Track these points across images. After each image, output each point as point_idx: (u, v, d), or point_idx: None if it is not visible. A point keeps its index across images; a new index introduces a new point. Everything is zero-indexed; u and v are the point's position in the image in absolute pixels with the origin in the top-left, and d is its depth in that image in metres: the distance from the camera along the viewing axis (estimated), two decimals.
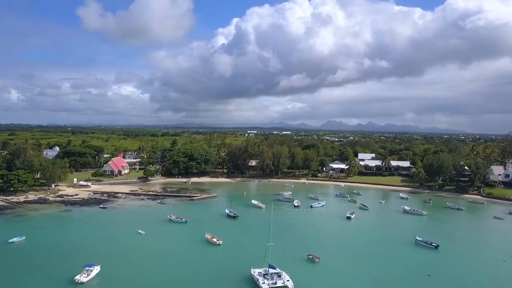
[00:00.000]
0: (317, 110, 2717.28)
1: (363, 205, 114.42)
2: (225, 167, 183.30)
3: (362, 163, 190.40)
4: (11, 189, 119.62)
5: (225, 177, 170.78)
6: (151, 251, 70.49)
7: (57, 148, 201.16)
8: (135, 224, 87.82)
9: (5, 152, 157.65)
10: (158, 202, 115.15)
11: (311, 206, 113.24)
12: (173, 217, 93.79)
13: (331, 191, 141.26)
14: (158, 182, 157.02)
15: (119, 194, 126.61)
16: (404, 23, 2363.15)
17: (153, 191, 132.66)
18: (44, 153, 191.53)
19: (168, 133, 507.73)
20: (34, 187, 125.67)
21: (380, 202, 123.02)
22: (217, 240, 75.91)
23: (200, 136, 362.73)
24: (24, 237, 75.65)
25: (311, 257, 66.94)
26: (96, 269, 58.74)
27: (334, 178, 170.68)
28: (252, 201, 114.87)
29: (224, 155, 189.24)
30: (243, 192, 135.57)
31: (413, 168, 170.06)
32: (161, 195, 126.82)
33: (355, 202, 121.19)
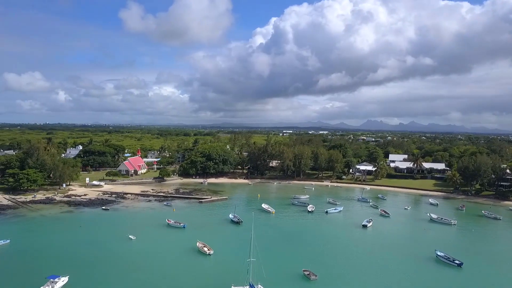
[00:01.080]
0: (357, 110, 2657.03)
1: (384, 211, 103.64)
2: (245, 167, 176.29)
3: (392, 164, 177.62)
4: (23, 188, 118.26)
5: (244, 178, 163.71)
6: (133, 260, 64.47)
7: (80, 147, 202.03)
8: (130, 229, 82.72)
9: (20, 151, 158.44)
10: (165, 204, 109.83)
11: (326, 212, 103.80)
12: (172, 222, 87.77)
13: (354, 195, 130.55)
14: (173, 182, 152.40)
15: (128, 195, 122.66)
16: (450, 17, 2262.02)
17: (163, 192, 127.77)
18: (68, 151, 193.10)
19: (201, 133, 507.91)
20: (44, 187, 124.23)
21: (405, 209, 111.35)
22: (208, 250, 68.86)
23: (225, 136, 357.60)
24: (8, 240, 72.12)
25: (307, 273, 58.33)
26: (63, 281, 53.34)
27: (360, 180, 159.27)
28: (263, 205, 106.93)
29: (245, 155, 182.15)
30: (257, 195, 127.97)
31: (448, 171, 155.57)
32: (171, 196, 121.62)
33: (376, 207, 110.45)
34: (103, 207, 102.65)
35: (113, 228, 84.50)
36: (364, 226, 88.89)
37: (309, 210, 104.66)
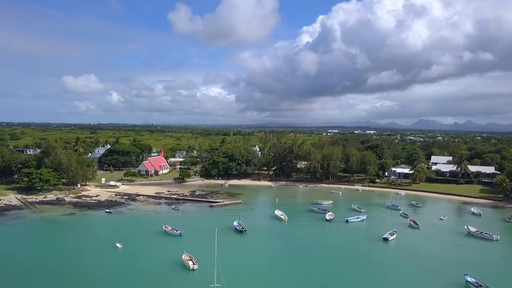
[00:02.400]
0: (408, 108, 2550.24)
1: (414, 222, 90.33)
2: (270, 169, 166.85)
3: (434, 167, 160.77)
4: (36, 187, 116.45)
5: (268, 180, 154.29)
6: (105, 273, 57.50)
7: (109, 146, 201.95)
8: (123, 235, 76.62)
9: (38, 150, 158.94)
10: (172, 208, 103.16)
11: (347, 221, 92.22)
12: (168, 229, 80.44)
13: (385, 201, 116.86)
14: (194, 183, 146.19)
15: (141, 197, 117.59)
16: None
17: (177, 195, 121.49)
18: (96, 150, 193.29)
19: (241, 132, 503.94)
20: (58, 187, 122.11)
21: (440, 219, 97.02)
22: (193, 264, 60.66)
23: (257, 135, 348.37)
24: None
25: None
26: None
27: (395, 184, 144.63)
28: (276, 211, 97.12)
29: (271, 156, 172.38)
30: (276, 199, 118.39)
31: (498, 175, 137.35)
32: (183, 199, 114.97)
33: (406, 217, 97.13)
34: (107, 210, 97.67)
35: (105, 234, 78.65)
36: (385, 240, 76.75)
37: (327, 218, 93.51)
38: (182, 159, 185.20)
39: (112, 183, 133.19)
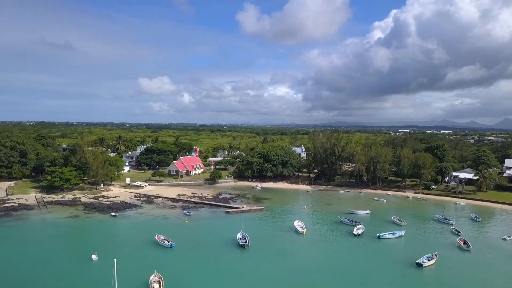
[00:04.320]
0: (492, 106, 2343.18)
1: (464, 242, 71.67)
2: (312, 171, 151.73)
3: (508, 172, 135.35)
4: (58, 186, 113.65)
5: (307, 184, 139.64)
6: None
7: (151, 145, 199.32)
8: (107, 244, 68.85)
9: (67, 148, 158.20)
10: (184, 213, 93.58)
11: (379, 237, 75.85)
12: (161, 239, 70.52)
13: (437, 213, 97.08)
14: (224, 185, 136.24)
15: (160, 199, 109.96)
16: None
17: (200, 197, 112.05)
18: (138, 149, 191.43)
19: (299, 132, 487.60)
20: (81, 186, 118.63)
21: (503, 239, 76.76)
22: None
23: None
24: None
25: None
26: None
27: (454, 192, 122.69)
28: (295, 222, 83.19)
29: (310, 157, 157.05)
30: (306, 206, 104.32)
31: None
32: (201, 202, 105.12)
33: (458, 234, 78.21)
34: (112, 213, 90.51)
35: (92, 241, 70.55)
36: (419, 265, 59.95)
37: (355, 232, 77.80)
38: (219, 159, 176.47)
39: (137, 183, 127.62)
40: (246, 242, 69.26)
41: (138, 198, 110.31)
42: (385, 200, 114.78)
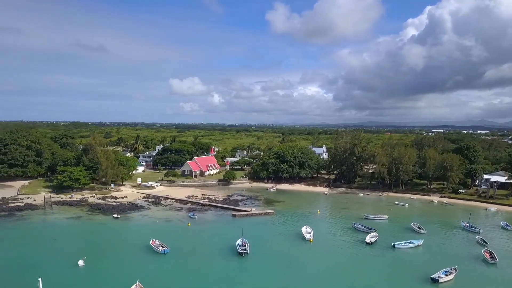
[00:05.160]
0: None
1: (490, 255, 63.75)
2: (331, 173, 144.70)
3: None
4: (69, 186, 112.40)
5: (325, 186, 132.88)
6: None
7: (169, 145, 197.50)
8: (100, 249, 65.64)
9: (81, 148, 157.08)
10: (189, 216, 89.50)
11: (393, 246, 68.99)
12: (155, 244, 66.54)
13: (463, 220, 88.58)
14: (238, 186, 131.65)
15: (168, 200, 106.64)
16: None
17: (209, 199, 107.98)
18: (157, 148, 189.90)
19: (326, 132, 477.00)
20: (91, 186, 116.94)
21: None
22: None
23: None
24: None
25: None
26: None
27: (485, 197, 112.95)
28: (303, 228, 77.37)
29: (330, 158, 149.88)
30: (317, 210, 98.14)
31: None
32: (209, 204, 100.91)
33: (484, 245, 70.29)
34: (114, 215, 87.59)
35: (82, 246, 67.58)
36: (435, 281, 53.01)
37: (367, 241, 71.20)
38: (236, 159, 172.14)
39: (149, 183, 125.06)
40: (245, 249, 64.17)
41: (146, 199, 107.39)
42: (406, 205, 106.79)
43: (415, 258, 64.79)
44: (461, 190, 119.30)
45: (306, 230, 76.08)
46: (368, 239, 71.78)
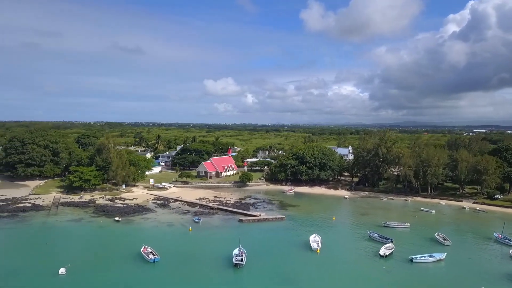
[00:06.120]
0: None
1: None
2: (354, 175, 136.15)
3: None
4: (81, 186, 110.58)
5: (347, 190, 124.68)
6: None
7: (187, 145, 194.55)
8: (88, 255, 61.87)
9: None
10: (194, 220, 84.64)
11: (411, 260, 61.01)
12: (146, 251, 61.97)
13: (497, 229, 78.62)
14: (254, 189, 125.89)
15: (177, 203, 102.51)
16: None
17: (219, 202, 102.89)
18: (178, 148, 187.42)
19: (359, 132, 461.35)
20: (102, 186, 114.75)
21: None
22: None
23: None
24: None
25: None
26: None
27: None
28: (311, 237, 70.52)
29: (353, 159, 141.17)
30: (333, 216, 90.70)
31: None
32: (217, 208, 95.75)
33: None
34: (116, 218, 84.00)
35: (71, 251, 63.94)
36: None
37: (381, 253, 63.55)
38: (255, 160, 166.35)
39: (162, 184, 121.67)
40: (241, 260, 58.34)
41: (156, 201, 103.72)
42: (433, 211, 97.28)
43: (434, 276, 56.65)
44: (497, 196, 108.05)
45: (314, 239, 69.29)
46: (383, 251, 64.13)
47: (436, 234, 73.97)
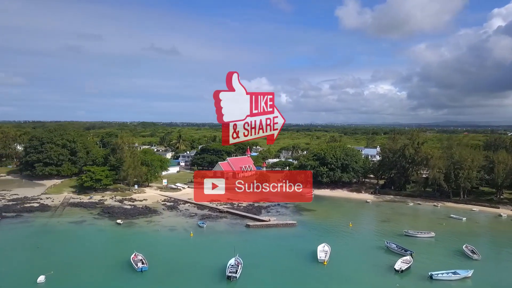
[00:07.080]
0: None
1: None
2: (380, 177, 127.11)
3: None
4: (93, 186, 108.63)
5: (371, 193, 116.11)
6: None
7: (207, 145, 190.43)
8: (74, 262, 58.15)
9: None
10: (198, 224, 79.77)
11: (431, 277, 53.07)
12: (136, 259, 57.45)
13: None
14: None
15: (186, 204, 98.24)
16: None
17: (230, 204, 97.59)
18: (199, 147, 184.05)
19: (394, 131, 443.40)
20: (115, 186, 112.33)
21: None
22: None
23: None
24: None
25: None
26: None
27: None
28: (319, 246, 63.62)
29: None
30: (349, 222, 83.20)
31: None
32: (226, 211, 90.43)
33: None
34: (118, 221, 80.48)
35: (59, 256, 60.41)
36: None
37: (397, 267, 55.97)
38: (276, 160, 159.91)
39: (176, 185, 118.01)
40: (235, 272, 52.69)
41: (165, 202, 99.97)
42: (464, 219, 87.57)
43: None
44: None
45: (322, 249, 62.51)
46: (399, 265, 56.53)
47: (464, 246, 65.16)
